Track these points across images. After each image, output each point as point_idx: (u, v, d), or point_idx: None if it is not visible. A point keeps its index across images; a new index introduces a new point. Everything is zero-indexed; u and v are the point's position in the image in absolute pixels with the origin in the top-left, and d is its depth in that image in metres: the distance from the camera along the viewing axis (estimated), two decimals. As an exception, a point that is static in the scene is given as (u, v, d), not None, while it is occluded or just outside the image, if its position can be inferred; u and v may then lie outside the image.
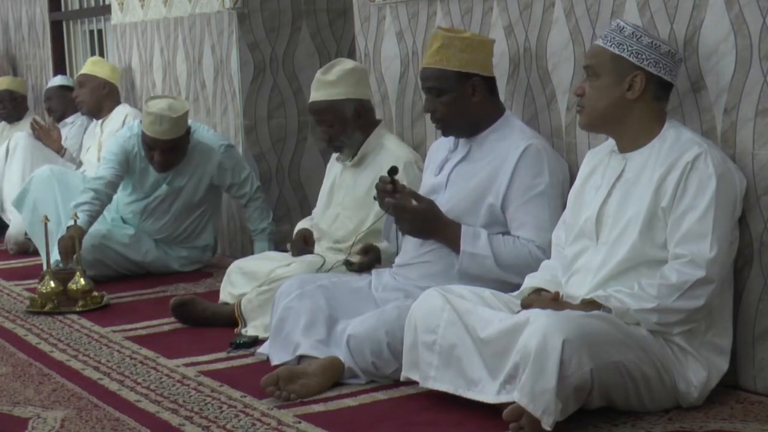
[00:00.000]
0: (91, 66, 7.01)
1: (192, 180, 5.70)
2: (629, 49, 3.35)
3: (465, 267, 3.87)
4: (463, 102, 3.95)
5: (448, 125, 4.01)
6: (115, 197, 5.74)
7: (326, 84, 4.56)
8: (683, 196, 3.26)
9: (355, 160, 4.59)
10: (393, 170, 3.95)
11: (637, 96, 3.37)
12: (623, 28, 3.38)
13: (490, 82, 4.01)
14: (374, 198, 4.02)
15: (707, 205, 3.23)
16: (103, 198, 5.52)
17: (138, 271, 5.79)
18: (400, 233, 4.06)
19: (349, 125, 4.55)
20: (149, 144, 5.52)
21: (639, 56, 3.35)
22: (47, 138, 7.13)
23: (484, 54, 4.00)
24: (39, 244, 5.88)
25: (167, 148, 5.51)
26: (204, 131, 5.76)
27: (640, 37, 3.36)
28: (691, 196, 3.25)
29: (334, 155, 4.77)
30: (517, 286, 3.66)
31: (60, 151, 7.10)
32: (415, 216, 3.90)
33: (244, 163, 5.79)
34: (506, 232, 3.89)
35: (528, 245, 3.82)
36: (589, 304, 3.29)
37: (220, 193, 5.87)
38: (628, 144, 3.43)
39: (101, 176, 5.58)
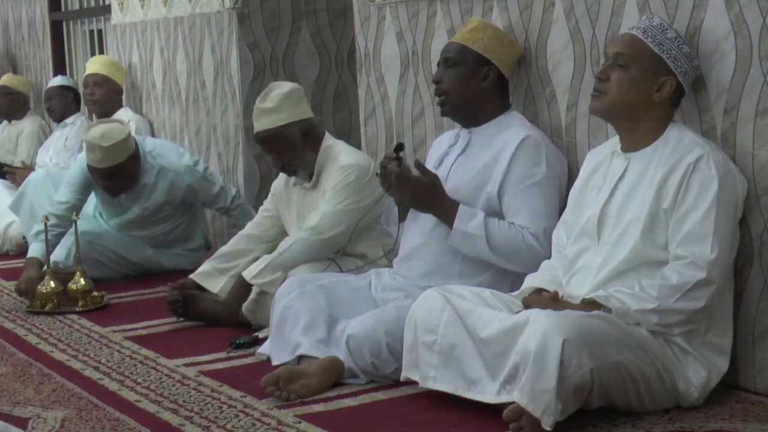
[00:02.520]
0: (109, 67, 6.97)
1: (165, 201, 5.62)
2: (669, 52, 3.34)
3: (456, 245, 3.87)
4: (472, 82, 3.98)
5: (449, 100, 4.01)
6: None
7: (266, 112, 4.50)
8: (685, 197, 3.26)
9: (314, 181, 4.56)
10: (399, 146, 3.95)
11: (663, 99, 3.37)
12: (666, 29, 3.37)
13: (502, 80, 4.04)
14: (376, 174, 4.03)
15: (709, 206, 3.23)
16: (65, 223, 5.38)
17: (136, 270, 5.78)
18: (400, 222, 4.06)
19: (298, 148, 4.51)
20: (89, 171, 5.43)
21: (676, 62, 3.35)
22: (24, 178, 6.97)
23: (508, 53, 4.07)
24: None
25: (106, 175, 5.39)
26: (168, 155, 5.61)
27: (681, 44, 3.36)
28: (693, 197, 3.25)
29: (279, 178, 4.73)
30: (513, 276, 3.68)
31: None
32: (417, 188, 3.90)
33: (213, 178, 5.71)
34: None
35: (522, 231, 3.82)
36: (590, 304, 3.29)
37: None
38: (632, 143, 3.42)
39: (65, 201, 5.49)
